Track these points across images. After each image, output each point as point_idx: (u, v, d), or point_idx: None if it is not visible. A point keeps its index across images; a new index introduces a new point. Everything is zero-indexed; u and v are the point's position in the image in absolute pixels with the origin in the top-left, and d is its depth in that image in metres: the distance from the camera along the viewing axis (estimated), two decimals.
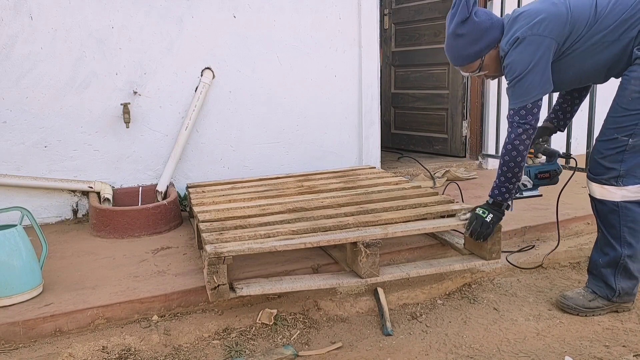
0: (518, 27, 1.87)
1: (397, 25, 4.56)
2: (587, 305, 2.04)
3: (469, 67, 2.01)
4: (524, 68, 1.85)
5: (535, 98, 1.87)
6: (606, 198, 1.94)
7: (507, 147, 1.93)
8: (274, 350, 1.83)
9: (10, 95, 2.79)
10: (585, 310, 2.04)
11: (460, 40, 1.94)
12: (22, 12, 2.75)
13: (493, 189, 2.02)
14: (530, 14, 1.87)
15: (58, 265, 2.28)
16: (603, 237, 2.02)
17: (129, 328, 1.87)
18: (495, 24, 1.95)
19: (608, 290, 2.02)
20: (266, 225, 2.10)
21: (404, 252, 2.36)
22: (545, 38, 1.83)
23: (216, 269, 1.79)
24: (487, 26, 1.93)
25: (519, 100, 1.89)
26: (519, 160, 1.93)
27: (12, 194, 2.85)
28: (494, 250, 2.12)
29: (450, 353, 1.84)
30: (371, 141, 3.68)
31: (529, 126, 1.89)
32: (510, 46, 1.87)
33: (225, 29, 3.18)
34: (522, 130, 1.89)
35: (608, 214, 1.96)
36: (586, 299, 2.05)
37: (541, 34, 1.83)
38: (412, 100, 4.60)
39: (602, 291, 2.04)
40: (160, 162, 3.14)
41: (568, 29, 1.84)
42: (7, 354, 1.72)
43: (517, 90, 1.89)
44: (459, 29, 1.92)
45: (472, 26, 1.92)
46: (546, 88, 1.89)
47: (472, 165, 4.13)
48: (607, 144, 1.90)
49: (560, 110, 2.24)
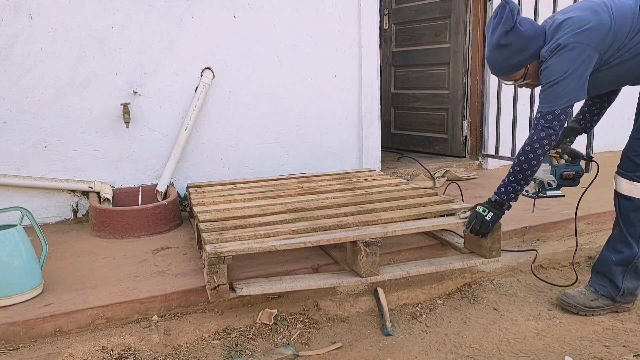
0: (562, 34, 1.83)
1: (397, 25, 4.56)
2: (588, 305, 2.04)
3: (513, 76, 1.97)
4: (561, 74, 1.81)
5: (565, 105, 1.84)
6: (634, 195, 1.95)
7: (526, 149, 1.91)
8: (274, 350, 1.83)
9: (10, 95, 2.79)
10: (585, 309, 2.04)
11: (505, 50, 1.90)
12: (22, 12, 2.75)
13: (500, 187, 2.02)
14: (575, 22, 1.82)
15: (58, 265, 2.28)
16: (620, 234, 2.01)
17: (129, 328, 1.87)
18: (539, 32, 1.90)
19: (612, 289, 2.02)
20: (266, 225, 2.10)
21: (403, 252, 2.36)
22: (588, 47, 1.79)
23: (216, 269, 1.78)
24: (532, 35, 1.88)
25: (550, 104, 1.86)
26: (534, 164, 1.91)
27: (12, 194, 2.85)
28: (494, 248, 2.13)
29: (450, 353, 1.84)
30: (371, 141, 3.68)
31: (553, 132, 1.86)
32: (552, 52, 1.83)
33: (225, 29, 3.18)
34: (544, 134, 1.87)
35: (631, 211, 1.96)
36: (588, 298, 2.05)
37: (584, 42, 1.79)
38: (412, 100, 4.60)
39: (605, 290, 2.04)
40: (160, 162, 3.14)
41: (610, 39, 1.81)
42: (7, 354, 1.72)
43: (549, 94, 1.86)
44: (503, 39, 1.88)
45: (516, 36, 1.87)
46: (579, 96, 1.86)
47: (472, 165, 4.13)
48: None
49: (588, 112, 2.21)
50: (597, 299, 2.05)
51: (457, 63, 4.15)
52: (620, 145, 2.22)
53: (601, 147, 4.68)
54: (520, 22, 1.88)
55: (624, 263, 1.99)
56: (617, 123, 4.84)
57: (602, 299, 2.04)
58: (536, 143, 1.89)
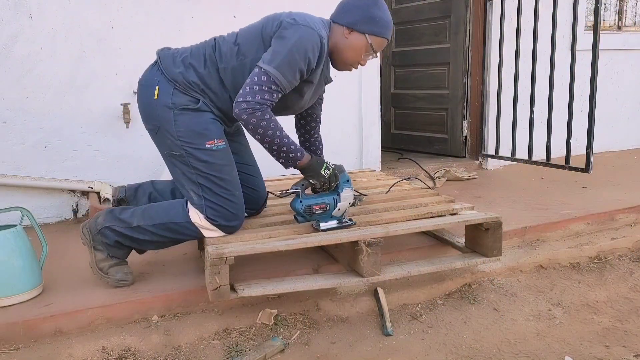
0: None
1: (398, 25, 4.55)
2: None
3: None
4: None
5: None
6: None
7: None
8: (263, 344, 1.84)
9: (10, 95, 2.79)
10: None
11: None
12: (22, 12, 2.75)
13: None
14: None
15: (58, 265, 2.28)
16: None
17: (129, 328, 1.87)
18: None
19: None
20: (268, 226, 2.10)
21: (404, 252, 2.35)
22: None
23: (218, 270, 1.78)
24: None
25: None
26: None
27: (12, 194, 2.85)
28: (495, 247, 2.13)
29: (450, 353, 1.84)
30: (371, 141, 3.68)
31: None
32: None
33: (225, 29, 3.16)
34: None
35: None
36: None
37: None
38: (412, 100, 4.60)
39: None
40: (160, 162, 3.11)
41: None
42: (7, 354, 1.72)
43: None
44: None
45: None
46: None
47: (472, 165, 4.13)
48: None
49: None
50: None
51: (457, 63, 4.15)
52: (620, 145, 2.23)
53: (601, 147, 4.70)
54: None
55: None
56: (617, 123, 4.87)
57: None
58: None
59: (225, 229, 1.95)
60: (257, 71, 1.80)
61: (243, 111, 1.77)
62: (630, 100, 4.88)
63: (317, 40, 1.83)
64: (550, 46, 3.37)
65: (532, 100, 3.52)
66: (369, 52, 1.95)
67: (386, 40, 1.96)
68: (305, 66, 1.84)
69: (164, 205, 2.01)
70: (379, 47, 1.95)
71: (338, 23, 1.95)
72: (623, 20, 4.88)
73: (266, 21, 1.93)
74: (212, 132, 1.90)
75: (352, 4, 1.92)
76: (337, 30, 1.95)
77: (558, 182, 3.62)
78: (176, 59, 1.95)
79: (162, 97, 1.89)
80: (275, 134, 1.84)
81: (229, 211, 1.92)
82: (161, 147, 1.98)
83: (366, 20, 1.89)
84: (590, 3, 4.49)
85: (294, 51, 1.79)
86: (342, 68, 2.03)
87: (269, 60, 1.79)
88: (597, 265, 2.52)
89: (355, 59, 1.97)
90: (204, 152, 1.89)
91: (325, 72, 2.00)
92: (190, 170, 1.91)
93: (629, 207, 2.95)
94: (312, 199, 1.97)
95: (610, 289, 2.32)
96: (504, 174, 3.97)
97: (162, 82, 1.91)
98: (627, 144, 4.90)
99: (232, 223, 1.95)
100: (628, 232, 2.78)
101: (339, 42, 1.94)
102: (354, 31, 1.91)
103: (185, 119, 1.88)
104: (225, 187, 1.92)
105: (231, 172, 1.96)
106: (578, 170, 3.34)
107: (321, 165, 1.96)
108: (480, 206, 2.96)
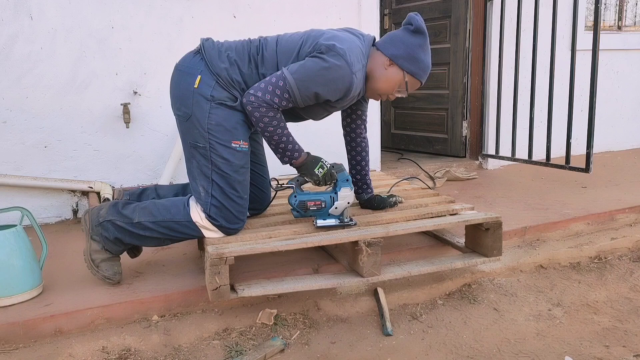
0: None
1: (397, 25, 4.56)
2: None
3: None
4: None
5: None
6: None
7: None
8: (263, 344, 1.84)
9: (10, 95, 2.79)
10: None
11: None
12: (22, 12, 2.75)
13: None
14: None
15: (58, 265, 2.28)
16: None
17: (129, 328, 1.87)
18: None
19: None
20: (268, 226, 2.10)
21: (404, 252, 2.35)
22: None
23: (218, 270, 1.78)
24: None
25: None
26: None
27: (12, 194, 2.85)
28: (495, 247, 2.13)
29: (450, 353, 1.84)
30: (371, 141, 3.67)
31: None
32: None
33: (225, 29, 3.18)
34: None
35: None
36: None
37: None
38: (412, 100, 4.60)
39: None
40: (161, 162, 3.14)
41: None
42: (7, 354, 1.72)
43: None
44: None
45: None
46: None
47: (472, 165, 4.13)
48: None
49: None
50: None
51: (457, 63, 4.15)
52: (620, 145, 2.23)
53: (601, 147, 4.70)
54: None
55: None
56: (617, 123, 4.87)
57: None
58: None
59: (226, 230, 1.95)
60: (279, 74, 1.83)
61: (250, 103, 1.83)
62: (630, 100, 4.89)
63: (347, 82, 1.84)
64: (550, 46, 3.37)
65: (532, 100, 3.52)
66: (402, 89, 1.96)
67: (420, 84, 1.98)
68: (324, 96, 1.87)
69: (165, 203, 2.02)
70: (412, 87, 1.97)
71: (382, 52, 1.95)
72: (623, 20, 4.88)
73: (307, 38, 1.91)
74: (240, 133, 1.92)
75: (401, 39, 1.93)
76: (378, 58, 1.95)
77: (558, 182, 3.62)
78: (222, 54, 1.94)
79: (202, 87, 1.89)
80: (275, 131, 1.87)
81: (232, 213, 1.93)
82: (186, 135, 1.97)
83: (409, 58, 1.91)
84: (590, 3, 4.49)
85: (319, 77, 1.81)
86: (371, 95, 2.04)
87: (294, 71, 1.82)
88: (597, 265, 2.52)
89: (387, 91, 1.98)
90: (228, 150, 1.90)
91: (351, 99, 2.00)
92: (208, 165, 1.92)
93: (629, 207, 2.95)
94: (307, 195, 1.99)
95: (610, 289, 2.32)
96: (504, 174, 3.97)
97: (205, 73, 1.91)
98: (627, 144, 4.91)
99: (233, 226, 1.96)
100: (628, 232, 2.78)
101: (376, 71, 1.95)
102: (394, 65, 1.92)
103: (219, 113, 1.89)
104: (235, 189, 1.93)
105: (245, 175, 1.97)
106: (578, 170, 3.34)
107: (315, 163, 1.97)
108: (480, 206, 2.96)
